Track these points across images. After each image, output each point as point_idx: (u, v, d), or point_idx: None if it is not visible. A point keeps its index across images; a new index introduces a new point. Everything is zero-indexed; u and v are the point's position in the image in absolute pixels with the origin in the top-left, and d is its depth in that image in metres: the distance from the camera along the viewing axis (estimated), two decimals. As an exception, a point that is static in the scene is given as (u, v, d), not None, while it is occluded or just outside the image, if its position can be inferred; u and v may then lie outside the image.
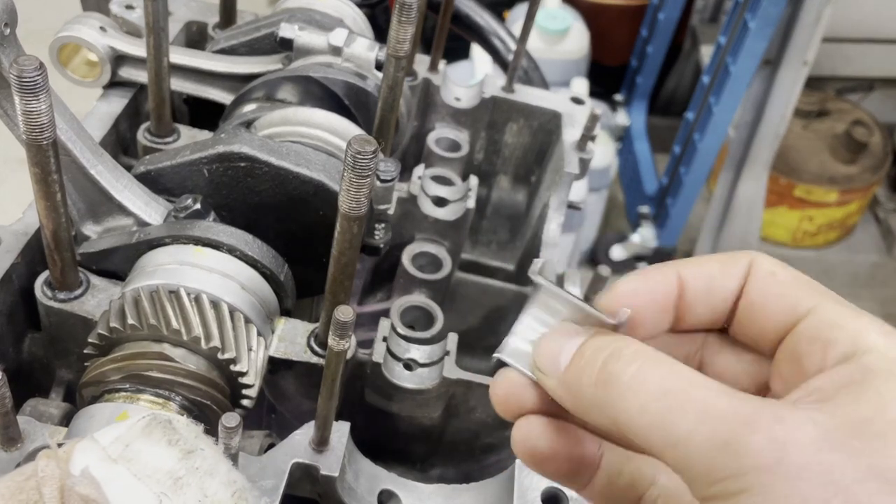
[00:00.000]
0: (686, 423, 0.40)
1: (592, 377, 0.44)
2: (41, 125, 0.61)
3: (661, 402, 0.41)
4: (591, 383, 0.44)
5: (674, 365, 0.42)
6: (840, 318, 0.44)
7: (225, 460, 0.56)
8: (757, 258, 0.47)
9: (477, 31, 1.48)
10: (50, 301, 0.76)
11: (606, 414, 0.43)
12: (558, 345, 0.47)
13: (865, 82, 3.71)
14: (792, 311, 0.45)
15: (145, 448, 0.53)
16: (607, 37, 3.29)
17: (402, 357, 0.82)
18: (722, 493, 0.38)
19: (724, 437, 0.39)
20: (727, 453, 0.38)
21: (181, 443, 0.54)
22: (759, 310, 0.46)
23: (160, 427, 0.54)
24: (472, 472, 0.92)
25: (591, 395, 0.44)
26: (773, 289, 0.46)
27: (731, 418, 0.39)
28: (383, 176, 0.87)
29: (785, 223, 3.41)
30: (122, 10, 1.03)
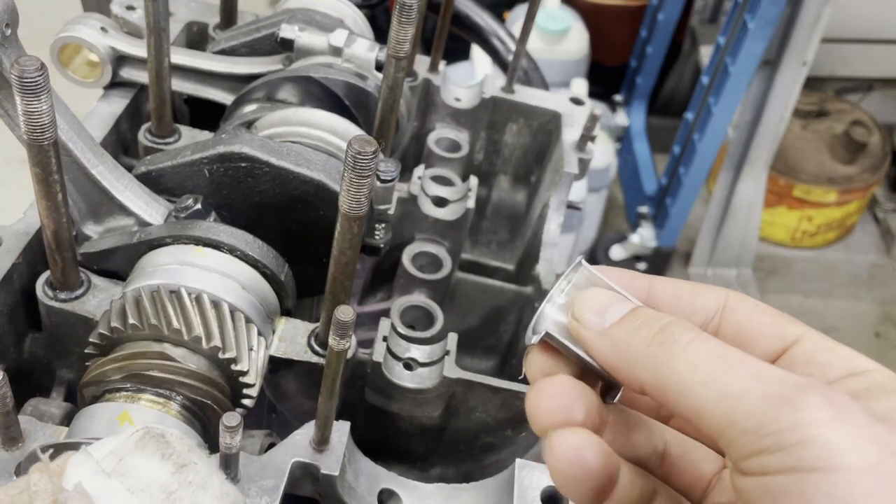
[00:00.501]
0: (741, 381, 0.40)
1: (649, 336, 0.45)
2: (42, 125, 0.61)
3: (717, 363, 0.42)
4: (646, 341, 0.45)
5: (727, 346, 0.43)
6: (831, 346, 0.46)
7: (218, 473, 0.56)
8: (734, 293, 0.50)
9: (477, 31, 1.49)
10: (51, 301, 0.76)
11: (654, 370, 0.44)
12: (605, 301, 0.48)
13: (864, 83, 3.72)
14: (782, 337, 0.47)
15: (139, 462, 0.53)
16: (607, 37, 3.29)
17: (403, 357, 0.82)
18: (775, 446, 0.38)
19: (781, 393, 0.39)
20: (784, 407, 0.38)
21: (174, 457, 0.54)
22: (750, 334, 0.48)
23: (154, 441, 0.54)
24: (472, 471, 0.92)
25: (641, 351, 0.45)
26: (762, 317, 0.48)
27: (786, 380, 0.40)
28: (383, 176, 0.87)
29: (784, 223, 3.41)
30: (122, 11, 1.04)
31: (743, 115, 2.86)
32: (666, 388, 0.43)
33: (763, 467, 0.38)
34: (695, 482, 0.52)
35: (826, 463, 0.36)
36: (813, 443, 0.37)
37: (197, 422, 0.70)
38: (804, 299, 3.32)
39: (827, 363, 0.45)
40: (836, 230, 3.48)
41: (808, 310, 3.26)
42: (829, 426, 0.37)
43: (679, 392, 0.42)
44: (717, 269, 3.28)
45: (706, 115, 2.76)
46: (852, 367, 0.45)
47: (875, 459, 0.36)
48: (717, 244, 3.23)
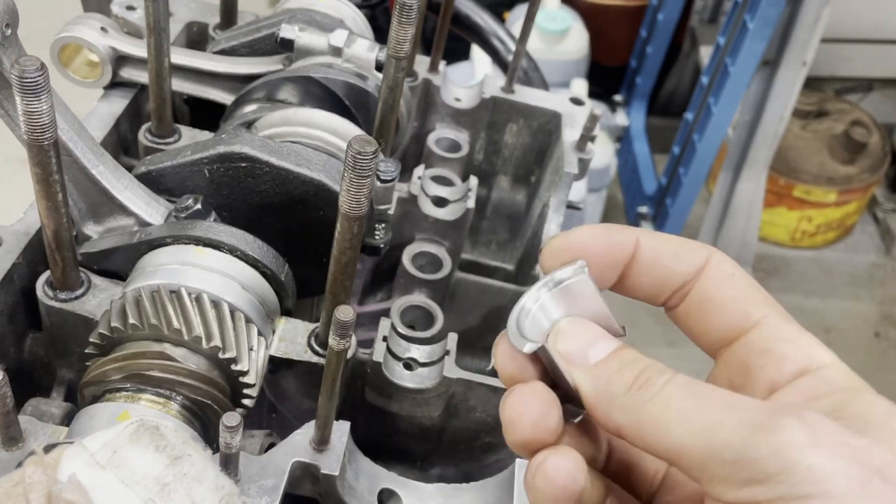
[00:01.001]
0: (714, 413, 0.41)
1: (628, 382, 0.45)
2: (42, 125, 0.61)
3: (690, 400, 0.42)
4: (626, 386, 0.45)
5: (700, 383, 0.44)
6: (789, 334, 0.45)
7: (213, 466, 0.56)
8: (717, 255, 0.48)
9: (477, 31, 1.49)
10: (51, 301, 0.76)
11: (632, 415, 0.44)
12: (588, 340, 0.47)
13: (864, 83, 3.72)
14: (743, 317, 0.46)
15: (133, 454, 0.53)
16: (607, 37, 3.30)
17: (403, 357, 0.82)
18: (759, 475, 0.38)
19: (754, 420, 0.39)
20: (760, 434, 0.38)
21: (169, 449, 0.54)
22: (713, 307, 0.47)
23: (148, 433, 0.54)
24: (472, 471, 0.92)
25: (622, 397, 0.44)
26: (730, 291, 0.47)
27: (758, 408, 0.40)
28: (383, 176, 0.87)
29: (784, 223, 3.41)
30: (122, 11, 1.04)
31: (743, 115, 2.86)
32: (644, 431, 0.43)
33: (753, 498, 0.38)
34: (641, 480, 0.52)
35: (815, 489, 0.36)
36: (796, 468, 0.37)
37: (197, 422, 0.70)
38: (804, 299, 3.32)
39: (783, 355, 0.45)
40: (835, 230, 3.48)
41: (808, 310, 3.27)
42: (808, 449, 0.37)
43: (657, 433, 0.42)
44: (717, 269, 3.28)
45: (706, 115, 2.76)
46: (808, 361, 0.44)
47: (860, 480, 0.36)
48: (716, 244, 3.21)
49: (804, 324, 0.47)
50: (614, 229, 0.50)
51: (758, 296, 0.47)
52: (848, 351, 3.14)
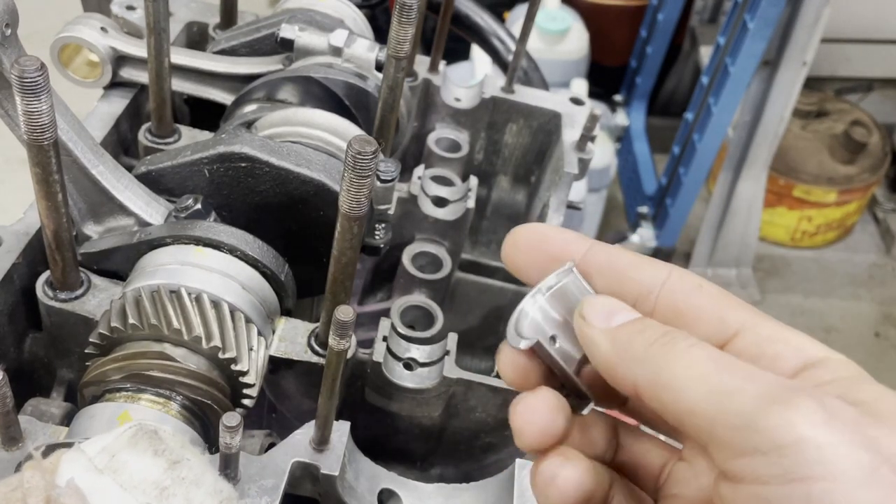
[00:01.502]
0: (734, 380, 0.40)
1: (651, 339, 0.44)
2: (42, 125, 0.61)
3: (712, 363, 0.42)
4: (648, 342, 0.44)
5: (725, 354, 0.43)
6: (776, 334, 0.45)
7: (212, 470, 0.56)
8: (678, 270, 0.48)
9: (477, 31, 1.49)
10: (51, 301, 0.76)
11: (652, 369, 0.44)
12: (614, 306, 0.47)
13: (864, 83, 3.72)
14: (721, 326, 0.46)
15: (131, 458, 0.53)
16: (607, 37, 3.30)
17: (403, 357, 0.82)
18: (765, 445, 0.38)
19: (773, 393, 0.39)
20: (775, 406, 0.38)
21: (167, 453, 0.54)
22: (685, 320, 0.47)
23: (146, 437, 0.54)
24: (472, 471, 0.92)
25: (642, 351, 0.44)
26: (700, 301, 0.47)
27: (777, 382, 0.40)
28: (383, 176, 0.87)
29: (784, 223, 3.41)
30: (122, 11, 1.04)
31: (743, 115, 2.86)
32: (661, 387, 0.43)
33: (755, 471, 0.38)
34: (647, 474, 0.52)
35: (820, 470, 0.36)
36: (805, 446, 0.37)
37: (197, 422, 0.70)
38: (804, 299, 3.32)
39: (776, 355, 0.44)
40: (835, 230, 3.48)
41: (807, 310, 3.27)
42: (820, 429, 0.37)
43: (673, 390, 0.42)
44: (717, 269, 3.28)
45: (706, 115, 2.76)
46: (805, 357, 0.44)
47: (869, 466, 0.36)
48: (716, 244, 3.23)
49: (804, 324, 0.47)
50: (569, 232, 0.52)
51: (730, 302, 0.46)
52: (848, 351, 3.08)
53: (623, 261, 0.50)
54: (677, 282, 0.48)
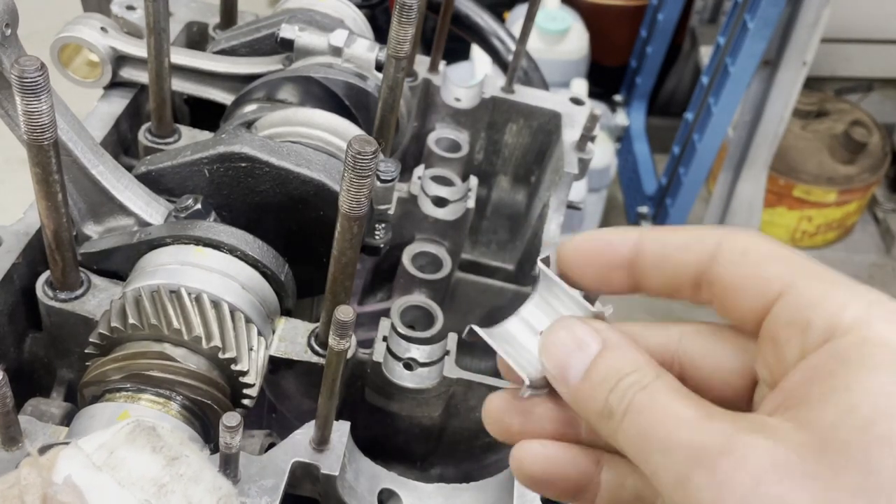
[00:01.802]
0: (653, 459, 0.42)
1: (598, 409, 0.46)
2: (42, 125, 0.61)
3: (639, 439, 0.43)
4: (597, 414, 0.46)
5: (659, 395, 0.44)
6: (817, 296, 0.42)
7: (210, 467, 0.56)
8: (728, 237, 0.46)
9: (477, 31, 1.49)
10: (51, 301, 0.76)
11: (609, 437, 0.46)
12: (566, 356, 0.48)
13: (864, 83, 3.72)
14: (766, 291, 0.44)
15: (129, 455, 0.52)
16: (607, 37, 3.30)
17: (403, 357, 0.82)
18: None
19: (678, 472, 0.40)
20: (680, 489, 0.40)
21: (165, 449, 0.54)
22: (733, 292, 0.45)
23: (144, 434, 0.54)
24: (472, 471, 0.92)
25: (596, 424, 0.46)
26: (743, 269, 0.45)
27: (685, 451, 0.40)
28: (383, 176, 0.87)
29: (784, 223, 3.41)
30: (122, 11, 1.04)
31: (743, 115, 2.86)
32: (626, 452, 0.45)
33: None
34: None
35: None
36: None
37: (197, 422, 0.70)
38: (804, 299, 3.32)
39: (807, 324, 0.41)
40: (835, 230, 3.48)
41: (807, 310, 3.26)
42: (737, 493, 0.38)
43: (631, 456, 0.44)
44: (717, 269, 3.28)
45: (706, 115, 2.76)
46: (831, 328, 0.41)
47: None
48: (717, 244, 3.22)
49: None
50: (611, 230, 0.50)
51: (780, 264, 0.44)
52: (848, 351, 3.13)
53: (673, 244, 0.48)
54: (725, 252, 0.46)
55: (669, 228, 0.49)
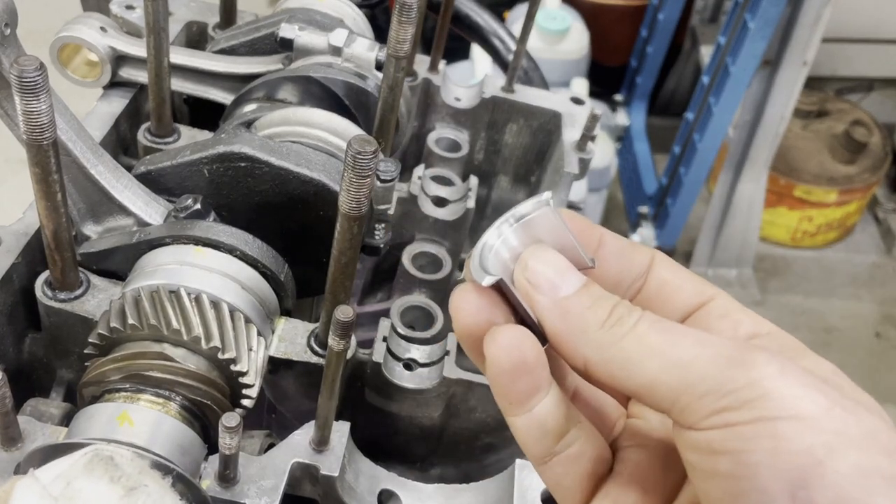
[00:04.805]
0: (687, 349, 0.43)
1: (601, 318, 0.46)
2: (41, 125, 0.61)
3: (662, 335, 0.44)
4: (599, 323, 0.46)
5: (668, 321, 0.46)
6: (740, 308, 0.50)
7: (171, 494, 0.55)
8: (659, 254, 0.52)
9: (477, 31, 1.48)
10: (50, 301, 0.76)
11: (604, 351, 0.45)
12: (560, 268, 0.48)
13: (865, 82, 3.72)
14: (699, 293, 0.50)
15: (87, 486, 0.52)
16: (607, 37, 3.30)
17: (403, 357, 0.82)
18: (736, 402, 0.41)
19: (728, 355, 0.42)
20: (736, 368, 0.41)
21: (124, 479, 0.53)
22: (672, 288, 0.51)
23: (102, 463, 0.53)
24: (472, 471, 0.92)
25: (593, 333, 0.46)
26: (682, 274, 0.52)
27: (729, 344, 0.43)
28: (383, 176, 0.87)
29: (784, 223, 3.41)
30: (122, 11, 1.03)
31: (743, 115, 2.86)
32: (614, 367, 0.45)
33: (725, 421, 0.41)
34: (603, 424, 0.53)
35: (786, 412, 0.40)
36: (772, 395, 0.40)
37: (196, 422, 0.70)
38: (804, 299, 3.32)
39: (738, 320, 0.49)
40: (836, 230, 3.48)
41: (808, 310, 3.26)
42: (780, 380, 0.41)
43: (628, 369, 0.44)
44: (718, 269, 3.28)
45: (706, 115, 2.76)
46: (759, 327, 0.49)
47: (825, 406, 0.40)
48: (717, 244, 3.23)
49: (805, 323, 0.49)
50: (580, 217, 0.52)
51: (702, 280, 0.52)
52: (848, 351, 3.14)
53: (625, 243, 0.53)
54: (662, 260, 0.52)
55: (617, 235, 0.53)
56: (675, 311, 0.50)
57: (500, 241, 0.48)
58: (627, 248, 0.52)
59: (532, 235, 0.48)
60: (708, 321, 0.49)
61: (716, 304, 0.50)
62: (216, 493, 0.65)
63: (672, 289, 0.51)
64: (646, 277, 0.52)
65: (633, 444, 0.52)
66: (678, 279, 0.51)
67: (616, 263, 0.51)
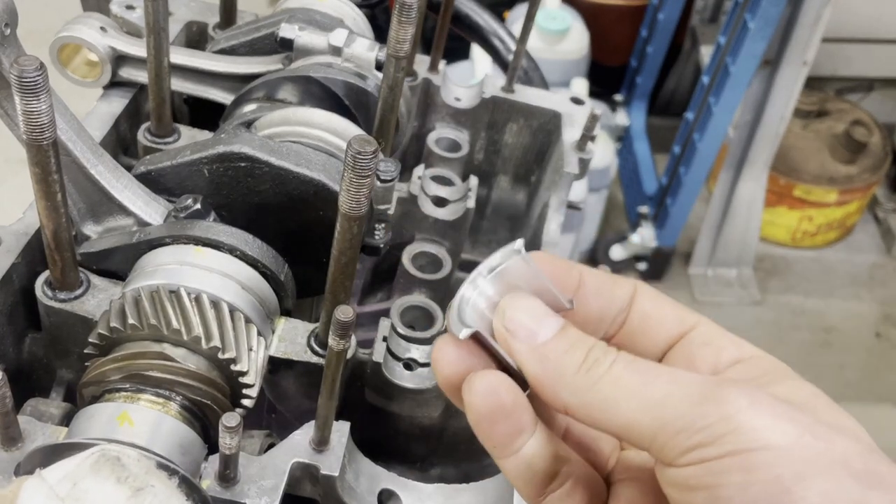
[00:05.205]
0: (661, 388, 0.44)
1: (577, 362, 0.47)
2: (41, 125, 0.61)
3: (636, 376, 0.45)
4: (576, 367, 0.47)
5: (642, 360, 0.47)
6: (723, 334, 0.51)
7: (178, 495, 0.55)
8: (641, 283, 0.54)
9: (477, 31, 1.48)
10: (50, 301, 0.76)
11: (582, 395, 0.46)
12: (535, 316, 0.49)
13: (865, 82, 3.72)
14: (681, 322, 0.52)
15: (93, 486, 0.52)
16: (607, 37, 3.30)
17: (402, 357, 0.82)
18: (709, 438, 0.42)
19: (700, 391, 0.43)
20: (708, 404, 0.42)
21: (130, 480, 0.53)
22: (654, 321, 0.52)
23: (108, 464, 0.53)
24: (472, 471, 0.92)
25: (571, 377, 0.47)
26: (663, 306, 0.53)
27: (700, 380, 0.44)
28: (383, 176, 0.87)
29: (784, 223, 3.41)
30: (122, 11, 1.03)
31: (743, 114, 2.86)
32: (593, 409, 0.46)
33: (700, 457, 0.42)
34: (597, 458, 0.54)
35: (758, 443, 0.41)
36: (743, 428, 0.41)
37: (197, 422, 0.70)
38: (804, 299, 3.32)
39: (721, 347, 0.50)
40: (836, 230, 3.48)
41: (808, 310, 3.26)
42: (750, 412, 0.42)
43: (606, 411, 0.45)
44: (718, 268, 3.28)
45: (706, 115, 2.76)
46: (741, 352, 0.50)
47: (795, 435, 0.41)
48: (717, 244, 3.23)
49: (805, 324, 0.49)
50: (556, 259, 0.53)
51: (686, 308, 0.53)
52: (849, 351, 3.14)
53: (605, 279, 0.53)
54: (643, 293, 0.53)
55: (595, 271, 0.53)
56: (657, 343, 0.52)
57: (475, 294, 0.49)
58: (607, 284, 0.53)
59: (507, 284, 0.49)
60: (690, 350, 0.51)
61: (698, 332, 0.51)
62: (216, 493, 0.65)
63: (655, 321, 0.52)
64: (628, 311, 0.52)
65: (626, 477, 0.53)
66: (660, 310, 0.52)
67: (596, 301, 0.52)
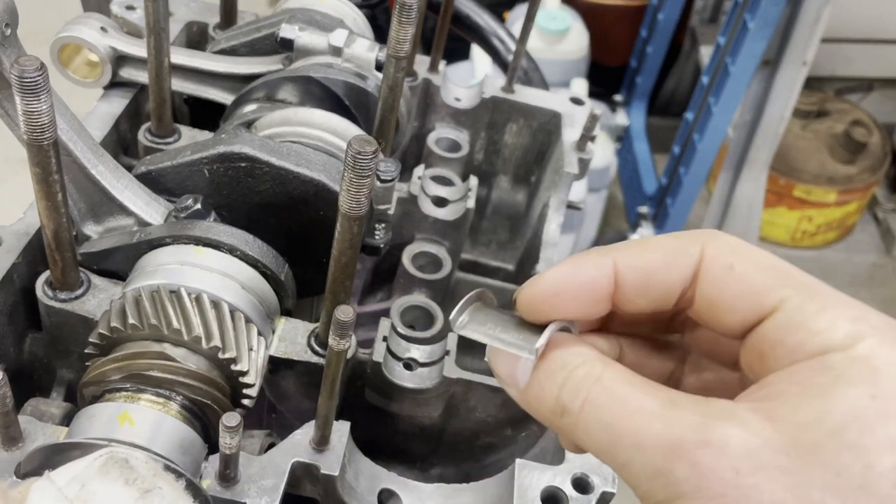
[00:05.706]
0: (624, 454, 0.42)
1: (550, 408, 0.46)
2: (42, 125, 0.61)
3: (605, 434, 0.43)
4: (550, 412, 0.46)
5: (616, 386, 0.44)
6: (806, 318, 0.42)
7: (185, 497, 0.55)
8: (710, 247, 0.45)
9: (477, 31, 1.49)
10: (51, 301, 0.76)
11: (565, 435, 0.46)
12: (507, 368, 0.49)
13: (864, 82, 3.72)
14: (756, 307, 0.44)
15: (101, 488, 0.52)
16: (607, 37, 3.30)
17: (403, 357, 0.82)
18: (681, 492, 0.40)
19: (655, 465, 0.41)
20: (658, 481, 0.41)
21: (139, 482, 0.53)
22: (717, 308, 0.45)
23: (117, 466, 0.53)
24: (472, 471, 0.92)
25: (552, 422, 0.47)
26: (731, 287, 0.45)
27: (661, 445, 0.41)
28: (383, 176, 0.87)
29: (784, 223, 3.41)
30: (122, 11, 1.04)
31: (743, 115, 2.86)
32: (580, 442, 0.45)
33: None
34: None
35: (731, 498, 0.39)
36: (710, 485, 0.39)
37: (197, 422, 0.70)
38: (804, 299, 3.31)
39: (797, 344, 0.42)
40: (836, 230, 3.48)
41: (808, 310, 3.26)
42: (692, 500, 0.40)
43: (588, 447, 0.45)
44: (717, 269, 3.28)
45: (706, 115, 2.76)
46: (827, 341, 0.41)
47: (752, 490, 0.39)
48: (717, 244, 3.22)
49: None
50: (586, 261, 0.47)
51: (768, 279, 0.43)
52: (848, 351, 3.13)
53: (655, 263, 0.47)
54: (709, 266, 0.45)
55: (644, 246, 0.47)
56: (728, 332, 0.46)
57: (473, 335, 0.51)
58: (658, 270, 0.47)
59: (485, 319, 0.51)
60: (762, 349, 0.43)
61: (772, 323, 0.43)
62: (216, 493, 0.65)
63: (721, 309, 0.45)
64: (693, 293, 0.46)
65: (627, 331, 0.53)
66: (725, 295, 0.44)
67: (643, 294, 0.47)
